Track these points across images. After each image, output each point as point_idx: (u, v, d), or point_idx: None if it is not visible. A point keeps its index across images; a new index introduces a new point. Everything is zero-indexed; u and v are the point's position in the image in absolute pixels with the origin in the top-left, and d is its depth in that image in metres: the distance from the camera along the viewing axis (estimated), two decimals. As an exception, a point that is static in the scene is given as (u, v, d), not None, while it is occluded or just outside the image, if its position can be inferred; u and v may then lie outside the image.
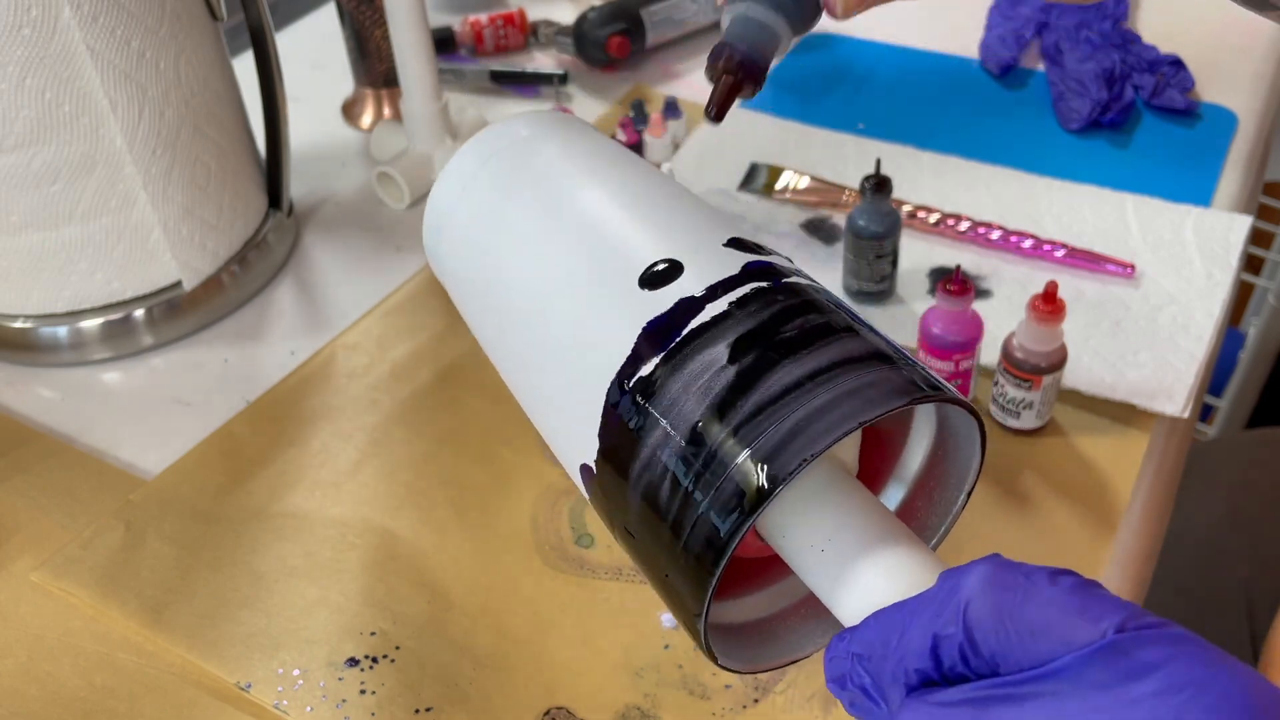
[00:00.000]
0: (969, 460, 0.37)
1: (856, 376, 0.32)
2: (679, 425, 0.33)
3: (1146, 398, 0.62)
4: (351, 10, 0.84)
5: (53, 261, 0.66)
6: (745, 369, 0.33)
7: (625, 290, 0.37)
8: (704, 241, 0.39)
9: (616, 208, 0.42)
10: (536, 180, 0.44)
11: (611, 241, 0.40)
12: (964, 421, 0.36)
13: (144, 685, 0.51)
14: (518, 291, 0.42)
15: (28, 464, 0.62)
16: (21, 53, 0.59)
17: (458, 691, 0.51)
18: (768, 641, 0.39)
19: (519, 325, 0.41)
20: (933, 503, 0.39)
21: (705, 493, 0.32)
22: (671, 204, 0.42)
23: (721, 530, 0.31)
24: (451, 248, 0.46)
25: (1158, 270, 0.70)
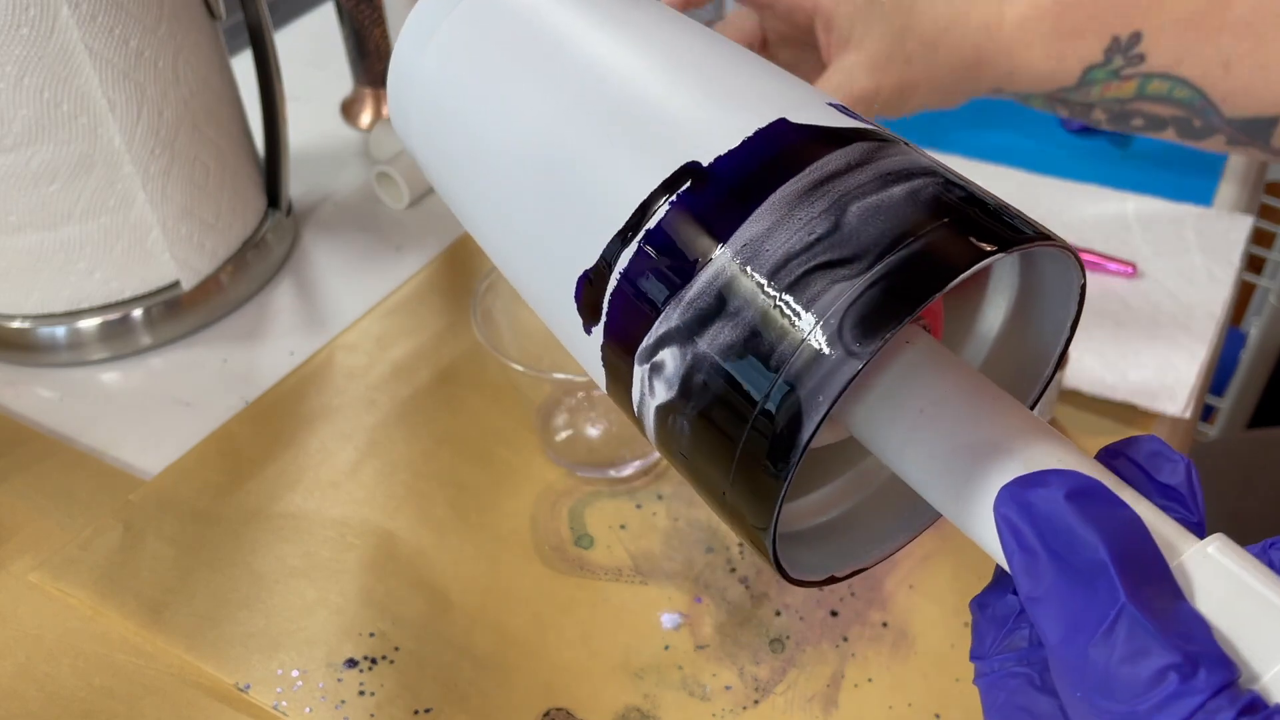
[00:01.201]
0: (1057, 318, 0.31)
1: (948, 218, 0.26)
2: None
3: (1148, 398, 0.62)
4: (350, 9, 0.84)
5: (51, 261, 0.66)
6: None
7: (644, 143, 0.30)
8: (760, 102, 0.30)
9: (635, 52, 0.33)
10: (525, 18, 0.35)
11: (627, 97, 0.32)
12: (1055, 270, 0.30)
13: (143, 686, 0.51)
14: (508, 156, 0.34)
15: (26, 464, 0.62)
16: (19, 52, 0.59)
17: (457, 692, 0.51)
18: (834, 543, 0.32)
19: (508, 188, 0.34)
20: (1014, 368, 0.33)
21: (722, 456, 0.26)
22: (710, 56, 0.33)
23: (755, 505, 0.26)
24: (421, 114, 0.38)
25: (1159, 270, 0.70)
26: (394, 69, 0.38)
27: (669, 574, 0.55)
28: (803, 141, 0.29)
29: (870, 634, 0.52)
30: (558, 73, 0.33)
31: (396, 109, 0.39)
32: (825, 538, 0.33)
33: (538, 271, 0.33)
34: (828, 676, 0.51)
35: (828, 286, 0.25)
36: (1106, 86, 0.62)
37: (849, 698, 0.50)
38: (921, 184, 0.28)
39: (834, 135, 0.29)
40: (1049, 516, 0.23)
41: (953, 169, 0.30)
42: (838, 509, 0.33)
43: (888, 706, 0.50)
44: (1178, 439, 0.63)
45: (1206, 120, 0.62)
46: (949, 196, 0.27)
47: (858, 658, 0.51)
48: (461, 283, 0.74)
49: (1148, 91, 0.62)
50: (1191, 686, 0.21)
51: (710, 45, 0.33)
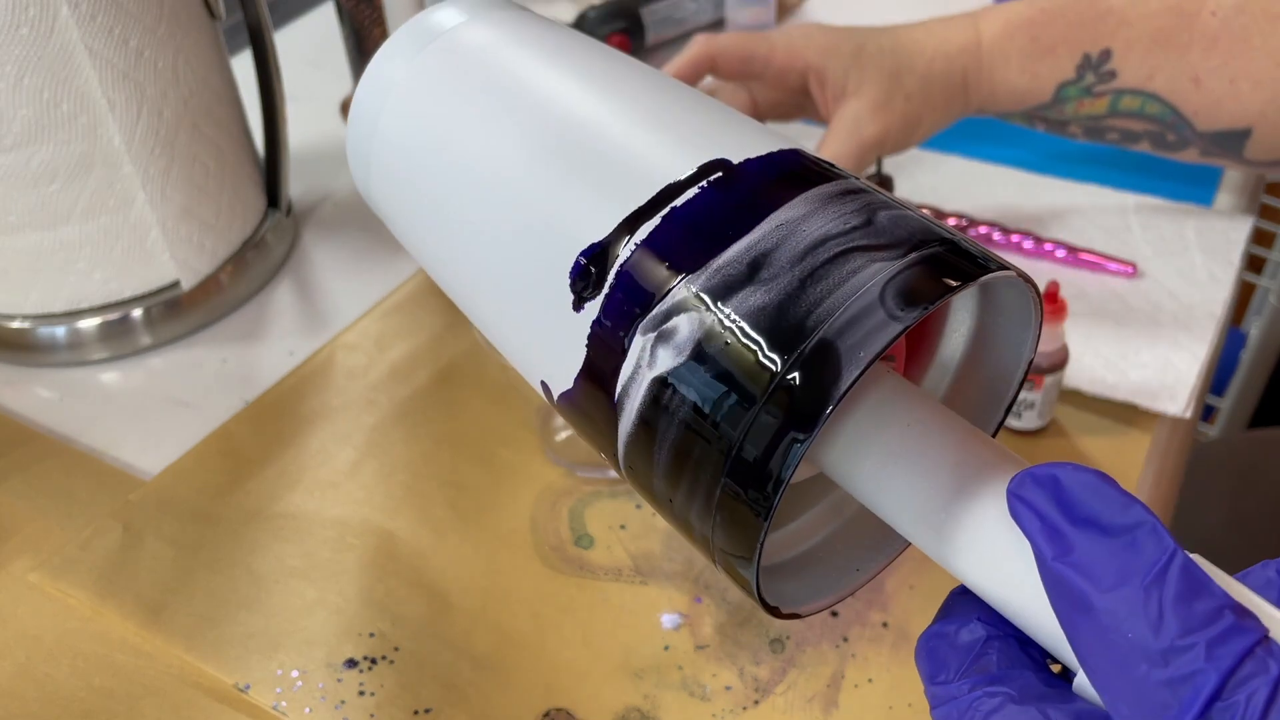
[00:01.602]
0: (1015, 346, 0.32)
1: (907, 254, 0.27)
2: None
3: (1148, 398, 0.62)
4: (350, 9, 0.84)
5: (50, 261, 0.66)
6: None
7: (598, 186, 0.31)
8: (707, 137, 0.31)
9: (590, 95, 0.34)
10: (484, 71, 0.35)
11: (578, 134, 0.33)
12: (1017, 299, 0.31)
13: (143, 686, 0.51)
14: (469, 201, 0.34)
15: (26, 464, 0.62)
16: (19, 52, 0.59)
17: (457, 692, 0.51)
18: (812, 573, 0.33)
19: (474, 230, 0.34)
20: (976, 396, 0.34)
21: (737, 413, 0.26)
22: (655, 96, 0.34)
23: (771, 459, 0.25)
24: (382, 167, 0.38)
25: (1159, 270, 0.70)
26: (352, 128, 0.38)
27: (669, 574, 0.55)
28: (822, 163, 0.31)
29: (870, 634, 0.52)
30: (508, 151, 0.34)
31: (357, 166, 0.39)
32: (801, 569, 0.33)
33: (521, 256, 0.33)
34: (828, 677, 0.51)
35: (867, 264, 0.26)
36: (1080, 104, 0.64)
37: (849, 698, 0.50)
38: (923, 215, 0.29)
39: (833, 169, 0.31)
40: (1074, 484, 0.24)
41: None
42: (811, 540, 0.34)
43: (888, 707, 0.50)
44: (1178, 439, 0.63)
45: (1179, 134, 0.63)
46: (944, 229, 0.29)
47: (858, 658, 0.51)
48: (461, 283, 0.74)
49: (1120, 107, 0.63)
50: (1247, 625, 0.22)
51: (683, 93, 0.35)
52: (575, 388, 0.31)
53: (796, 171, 0.30)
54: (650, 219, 0.30)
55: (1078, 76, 0.63)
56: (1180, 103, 0.62)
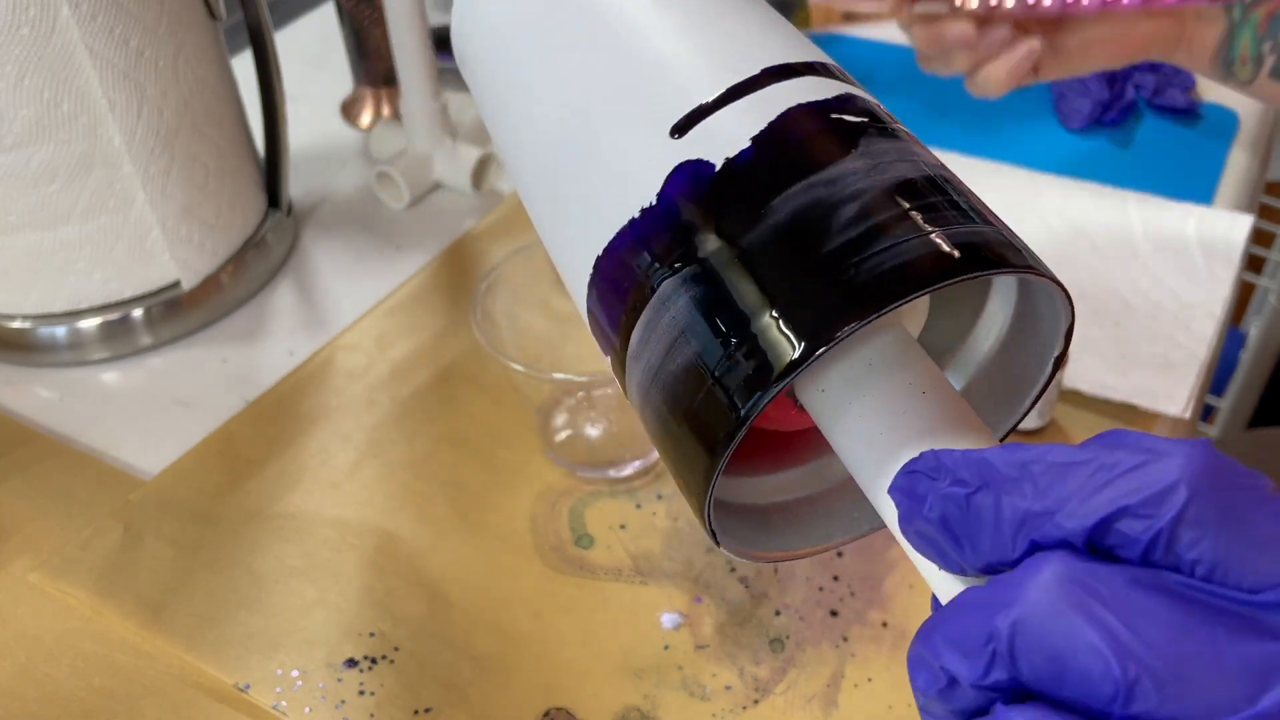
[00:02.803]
0: (1044, 354, 0.31)
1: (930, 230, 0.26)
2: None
3: (1148, 398, 0.62)
4: (350, 9, 0.84)
5: (51, 261, 0.66)
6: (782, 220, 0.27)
7: (652, 133, 0.31)
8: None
9: (657, 23, 0.33)
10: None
11: (648, 66, 0.32)
12: (1046, 303, 0.30)
13: (143, 686, 0.51)
14: (531, 119, 0.35)
15: (26, 464, 0.62)
16: (19, 52, 0.59)
17: (457, 692, 0.51)
18: (792, 527, 0.33)
19: (532, 149, 0.35)
20: (996, 395, 0.33)
21: (736, 341, 0.26)
22: (728, 21, 0.34)
23: (740, 395, 0.26)
24: (477, 52, 0.39)
25: (1160, 268, 0.70)
26: (459, 7, 0.39)
27: (669, 574, 0.55)
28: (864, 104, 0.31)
29: (870, 634, 0.52)
30: (577, 70, 0.34)
31: (457, 34, 0.40)
32: (770, 520, 0.33)
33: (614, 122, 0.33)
34: (828, 676, 0.51)
35: (906, 236, 0.26)
36: None
37: (849, 698, 0.50)
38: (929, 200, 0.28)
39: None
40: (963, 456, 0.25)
41: (954, 174, 0.30)
42: (791, 494, 0.34)
43: (888, 706, 0.50)
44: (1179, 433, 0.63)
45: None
46: (946, 213, 0.28)
47: (858, 658, 0.51)
48: (461, 283, 0.74)
49: None
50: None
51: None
52: (625, 242, 0.31)
53: (844, 124, 0.29)
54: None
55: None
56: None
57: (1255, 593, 0.21)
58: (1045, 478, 0.23)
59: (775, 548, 0.32)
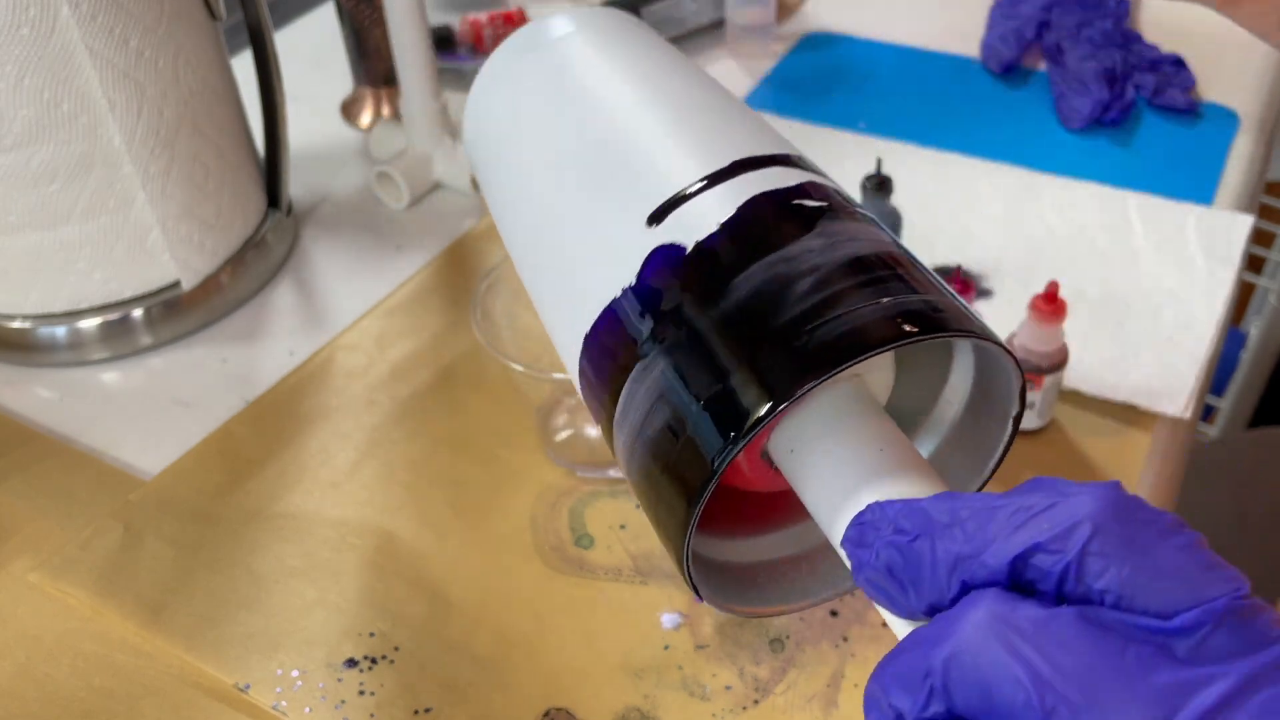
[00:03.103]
0: (1002, 420, 0.34)
1: (881, 297, 0.29)
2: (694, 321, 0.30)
3: (1148, 398, 0.62)
4: (350, 9, 0.84)
5: (51, 261, 0.66)
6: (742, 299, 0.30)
7: (629, 221, 0.34)
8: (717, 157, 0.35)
9: (639, 121, 0.38)
10: (563, 81, 0.41)
11: (616, 163, 0.37)
12: (1004, 376, 0.33)
13: (142, 686, 0.51)
14: (527, 206, 0.39)
15: (26, 464, 0.62)
16: (19, 52, 0.59)
17: (457, 692, 0.51)
18: (776, 584, 0.36)
19: (527, 234, 0.39)
20: (961, 461, 0.36)
21: (702, 405, 0.29)
22: (705, 117, 0.38)
23: (711, 448, 0.28)
24: (482, 143, 0.44)
25: (1160, 268, 0.70)
26: (469, 106, 0.45)
27: (669, 574, 0.55)
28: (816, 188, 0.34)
29: (870, 634, 0.52)
30: (561, 164, 0.38)
31: (468, 136, 0.45)
32: (756, 577, 0.36)
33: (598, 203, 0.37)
34: (828, 676, 0.51)
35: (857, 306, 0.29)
36: None
37: (849, 698, 0.50)
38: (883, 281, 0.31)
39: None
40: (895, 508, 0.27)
41: (906, 252, 0.33)
42: (778, 554, 0.37)
43: (888, 706, 0.50)
44: (1178, 439, 0.63)
45: None
46: (895, 291, 0.30)
47: (858, 657, 0.51)
48: (461, 283, 0.74)
49: None
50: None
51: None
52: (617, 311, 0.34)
53: (795, 210, 0.32)
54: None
55: None
56: None
57: (1166, 619, 0.22)
58: (973, 522, 0.25)
59: (759, 603, 0.35)
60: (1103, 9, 0.94)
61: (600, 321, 0.33)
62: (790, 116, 0.87)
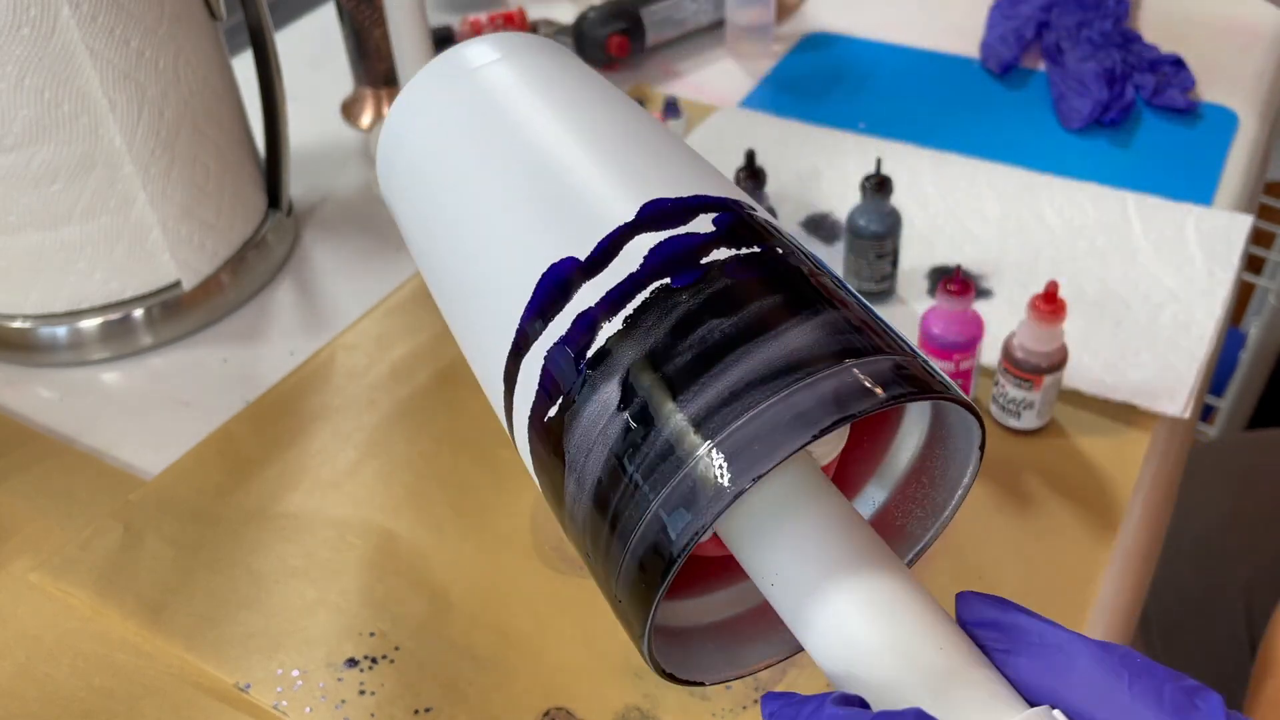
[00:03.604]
0: (963, 463, 0.33)
1: (833, 372, 0.28)
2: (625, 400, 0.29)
3: (1147, 398, 0.62)
4: (351, 9, 0.84)
5: (51, 261, 0.66)
6: (704, 350, 0.29)
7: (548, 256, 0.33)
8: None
9: (567, 153, 0.36)
10: (486, 111, 0.39)
11: (547, 199, 0.35)
12: (963, 421, 0.32)
13: (143, 686, 0.51)
14: (446, 239, 0.37)
15: (26, 464, 0.62)
16: (20, 52, 0.59)
17: (457, 692, 0.51)
18: (736, 644, 0.35)
19: (447, 271, 0.38)
20: (920, 503, 0.35)
21: (655, 489, 0.27)
22: (634, 151, 0.36)
23: (671, 537, 0.27)
24: (398, 181, 0.41)
25: (1159, 268, 0.70)
26: (382, 140, 0.42)
27: (669, 574, 0.55)
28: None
29: (870, 634, 0.52)
30: (483, 201, 0.36)
31: (383, 173, 0.42)
32: (707, 640, 0.34)
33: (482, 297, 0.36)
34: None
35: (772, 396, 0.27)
36: None
37: (849, 697, 0.50)
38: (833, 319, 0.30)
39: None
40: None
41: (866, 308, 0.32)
42: (722, 614, 0.35)
43: (887, 706, 0.50)
44: (1177, 439, 0.63)
45: None
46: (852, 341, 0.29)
47: (857, 657, 0.51)
48: (461, 283, 0.74)
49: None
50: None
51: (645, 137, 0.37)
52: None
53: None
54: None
55: None
56: None
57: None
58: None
59: (726, 667, 0.34)
60: (1102, 9, 0.94)
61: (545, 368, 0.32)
62: (790, 116, 0.87)
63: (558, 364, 0.31)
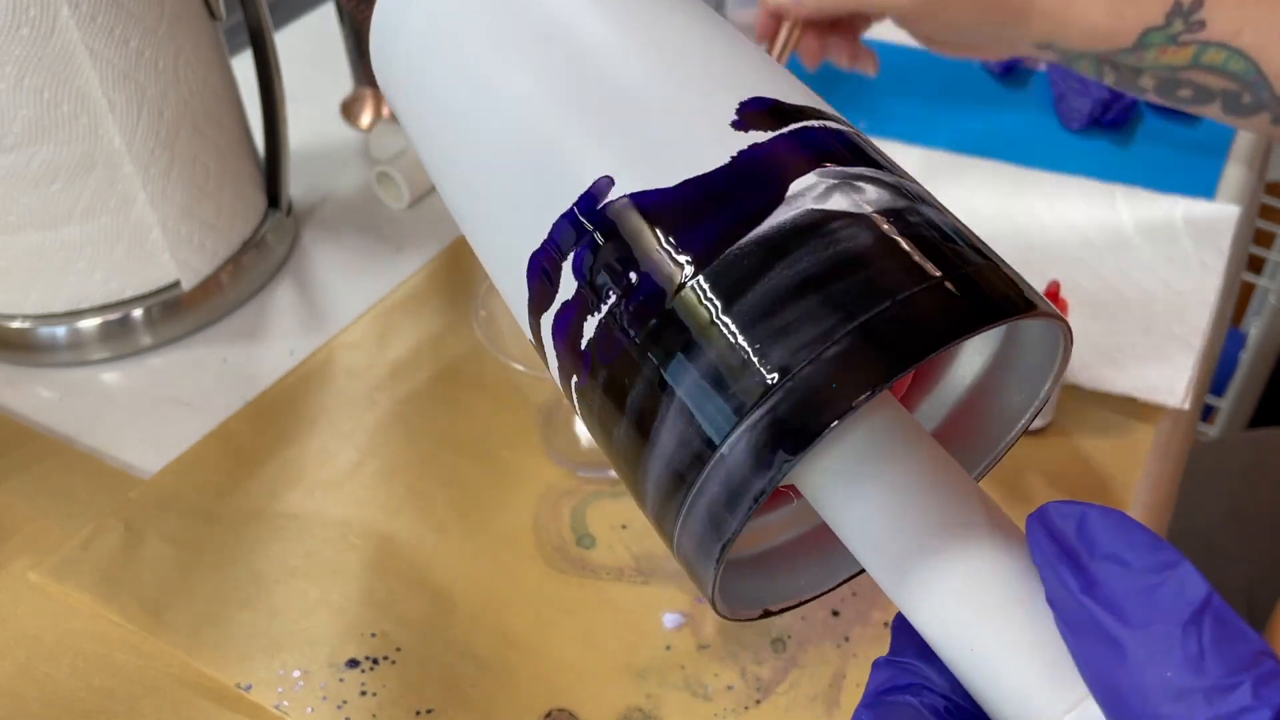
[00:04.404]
0: (1036, 377, 0.30)
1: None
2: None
3: (1147, 389, 0.62)
4: (351, 9, 0.84)
5: (51, 261, 0.66)
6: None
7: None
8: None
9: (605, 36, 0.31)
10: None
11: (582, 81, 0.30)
12: (1038, 332, 0.29)
13: (143, 686, 0.51)
14: (464, 136, 0.32)
15: (26, 464, 0.62)
16: (19, 52, 0.59)
17: (459, 693, 0.51)
18: (781, 573, 0.31)
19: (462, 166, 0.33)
20: (979, 417, 0.31)
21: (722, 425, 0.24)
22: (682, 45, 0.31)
23: (742, 487, 0.24)
24: (400, 65, 0.36)
25: (1151, 258, 0.70)
26: (377, 16, 0.36)
27: (671, 574, 0.55)
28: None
29: (872, 634, 0.52)
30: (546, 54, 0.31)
31: (377, 57, 0.37)
32: (760, 567, 0.31)
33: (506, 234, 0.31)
34: (830, 676, 0.51)
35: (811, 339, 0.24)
36: (1162, 51, 0.59)
37: (851, 698, 0.50)
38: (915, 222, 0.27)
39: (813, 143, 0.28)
40: (1098, 522, 0.23)
41: (936, 202, 0.28)
42: (777, 539, 0.32)
43: (890, 706, 0.50)
44: (1179, 432, 0.63)
45: (1256, 96, 0.60)
46: (939, 245, 0.27)
47: (859, 657, 0.51)
48: (461, 283, 0.74)
49: (1203, 60, 0.59)
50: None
51: (712, 32, 0.32)
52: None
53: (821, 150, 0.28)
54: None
55: (1166, 22, 0.59)
56: (1265, 61, 0.59)
57: None
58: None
59: (780, 596, 0.30)
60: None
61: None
62: (790, 116, 0.87)
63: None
